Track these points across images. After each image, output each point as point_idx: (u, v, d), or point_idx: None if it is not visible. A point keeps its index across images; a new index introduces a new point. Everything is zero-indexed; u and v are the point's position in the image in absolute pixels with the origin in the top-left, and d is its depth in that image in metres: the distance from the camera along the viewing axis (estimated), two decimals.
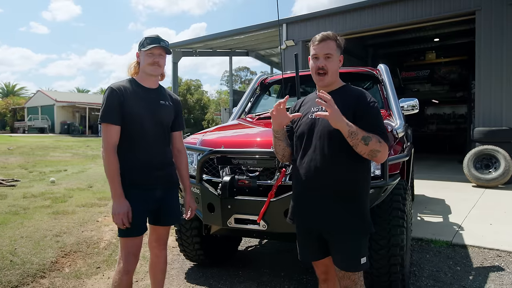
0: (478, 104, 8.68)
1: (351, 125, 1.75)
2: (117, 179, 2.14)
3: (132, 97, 2.21)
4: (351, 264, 1.87)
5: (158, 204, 2.31)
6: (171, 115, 2.38)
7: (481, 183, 7.41)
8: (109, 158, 2.14)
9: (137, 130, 2.22)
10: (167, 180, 2.37)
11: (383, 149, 1.79)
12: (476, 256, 3.72)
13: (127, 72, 2.35)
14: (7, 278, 3.11)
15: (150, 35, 2.28)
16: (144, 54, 2.24)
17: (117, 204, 2.14)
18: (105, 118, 2.17)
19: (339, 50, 1.96)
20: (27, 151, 14.16)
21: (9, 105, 40.24)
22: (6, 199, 6.01)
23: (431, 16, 9.37)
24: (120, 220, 2.12)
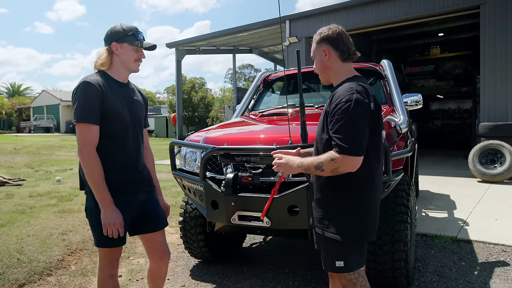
0: (483, 98, 8.62)
1: (301, 163, 1.77)
2: (104, 184, 1.93)
3: (111, 94, 1.99)
4: (327, 265, 1.88)
5: (140, 209, 2.14)
6: (143, 111, 2.23)
7: (486, 178, 7.36)
8: (93, 161, 1.93)
9: (119, 129, 2.03)
10: (147, 182, 2.21)
11: (341, 163, 1.65)
12: (481, 251, 3.71)
13: (96, 64, 2.08)
14: (14, 276, 3.15)
15: (132, 27, 2.07)
16: (130, 49, 2.05)
17: (110, 213, 1.93)
18: (84, 117, 1.92)
19: (322, 44, 1.87)
20: (33, 151, 14.28)
21: (14, 105, 40.57)
22: (12, 198, 6.07)
23: (435, 11, 9.30)
24: (116, 231, 1.93)
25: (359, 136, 1.67)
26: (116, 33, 2.05)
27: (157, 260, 2.25)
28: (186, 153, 3.16)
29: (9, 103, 40.78)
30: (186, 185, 3.02)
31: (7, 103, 40.39)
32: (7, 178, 7.59)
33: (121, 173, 2.05)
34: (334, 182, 1.78)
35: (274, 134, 2.93)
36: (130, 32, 2.05)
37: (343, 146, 1.64)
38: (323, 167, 1.69)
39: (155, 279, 2.32)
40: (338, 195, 1.80)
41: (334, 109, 1.71)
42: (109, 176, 1.99)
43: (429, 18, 9.89)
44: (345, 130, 1.66)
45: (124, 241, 2.09)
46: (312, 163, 1.73)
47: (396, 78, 3.92)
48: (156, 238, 2.22)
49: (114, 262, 2.11)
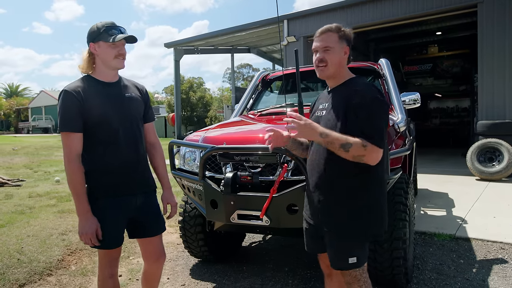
0: (481, 97, 8.65)
1: (327, 134, 1.69)
2: (82, 192, 1.93)
3: (93, 97, 1.95)
4: (338, 262, 1.86)
5: (139, 212, 2.11)
6: (140, 107, 2.14)
7: (484, 176, 7.39)
8: (73, 168, 1.92)
9: (106, 132, 1.98)
10: (145, 184, 2.16)
11: (369, 152, 1.67)
12: (479, 249, 3.73)
13: (80, 68, 2.05)
14: (14, 276, 3.16)
15: (106, 23, 1.99)
16: (106, 46, 1.97)
17: (85, 222, 1.92)
18: (64, 126, 1.93)
19: (343, 42, 1.87)
20: (32, 151, 14.27)
21: (13, 106, 40.52)
22: (12, 198, 6.07)
23: (432, 10, 9.33)
24: (89, 240, 1.93)
25: (384, 132, 1.77)
26: (92, 33, 1.99)
27: (152, 262, 2.24)
28: (185, 153, 3.17)
29: (7, 103, 40.73)
30: (185, 184, 3.03)
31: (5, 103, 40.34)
32: (6, 179, 7.59)
33: (113, 177, 2.01)
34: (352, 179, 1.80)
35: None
36: (103, 29, 1.97)
37: (374, 138, 1.69)
38: (350, 149, 1.67)
39: (150, 280, 2.30)
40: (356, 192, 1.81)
41: (363, 103, 1.74)
42: (101, 179, 1.99)
43: (426, 17, 9.92)
44: (377, 124, 1.73)
45: (120, 243, 2.08)
46: (338, 140, 1.68)
47: (394, 77, 3.93)
48: (153, 241, 2.20)
49: (113, 262, 2.10)
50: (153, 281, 2.32)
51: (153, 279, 2.30)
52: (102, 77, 2.04)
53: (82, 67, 2.04)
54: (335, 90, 1.93)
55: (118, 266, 2.17)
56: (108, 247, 2.03)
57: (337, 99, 1.87)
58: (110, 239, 2.00)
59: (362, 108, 1.73)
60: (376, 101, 1.76)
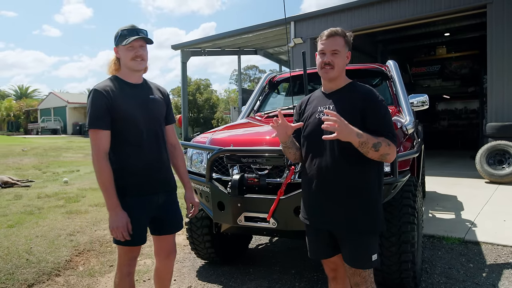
0: (490, 99, 8.55)
1: (361, 134, 1.71)
2: (111, 188, 1.97)
3: (120, 97, 2.02)
4: (362, 262, 1.87)
5: (160, 210, 2.16)
6: (163, 109, 2.21)
7: (494, 179, 7.29)
8: (101, 165, 1.97)
9: (132, 132, 2.05)
10: (167, 184, 2.21)
11: (392, 151, 1.79)
12: (489, 253, 3.68)
13: (107, 70, 2.15)
14: (23, 276, 3.19)
15: (125, 27, 2.07)
16: (124, 49, 2.05)
17: (115, 216, 1.97)
18: (93, 123, 1.99)
19: (347, 47, 1.93)
20: (41, 152, 14.41)
21: (22, 107, 40.96)
22: (21, 199, 6.14)
23: (441, 11, 9.25)
24: (120, 234, 1.96)
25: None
26: (114, 38, 2.10)
27: (163, 258, 2.28)
28: (193, 154, 3.17)
29: (17, 105, 41.18)
30: (192, 186, 3.04)
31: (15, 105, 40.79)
32: (15, 180, 7.67)
33: (137, 176, 2.07)
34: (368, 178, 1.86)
35: None
36: (120, 33, 2.06)
37: (393, 138, 1.80)
38: (380, 148, 1.74)
39: (162, 278, 2.33)
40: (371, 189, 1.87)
41: (377, 106, 1.84)
42: (126, 179, 2.04)
43: (435, 18, 9.85)
44: (391, 125, 1.85)
45: (144, 241, 2.13)
46: (372, 139, 1.73)
47: (402, 79, 3.90)
48: (168, 238, 2.26)
49: (132, 260, 2.16)
50: (165, 279, 2.34)
51: (165, 276, 2.33)
52: (128, 78, 2.12)
53: (108, 69, 2.14)
54: (337, 93, 1.94)
55: (135, 267, 2.20)
56: (132, 244, 2.06)
57: (343, 101, 1.89)
58: (135, 236, 2.03)
59: (378, 111, 1.84)
60: (383, 102, 1.88)
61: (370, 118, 1.82)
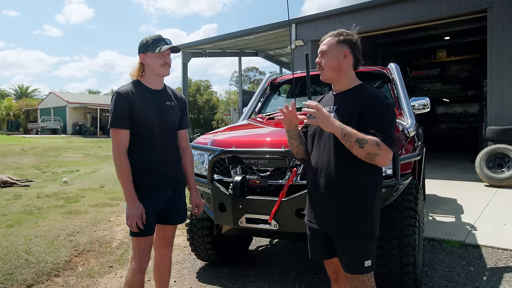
0: (490, 102, 8.56)
1: (345, 127, 1.72)
2: (130, 182, 2.17)
3: (140, 101, 2.22)
4: (355, 267, 1.86)
5: (169, 204, 2.35)
6: (177, 115, 2.40)
7: (494, 183, 7.30)
8: (121, 161, 2.17)
9: (148, 133, 2.24)
10: (177, 181, 2.39)
11: (383, 152, 1.71)
12: (489, 256, 3.68)
13: (131, 74, 2.33)
14: (22, 277, 3.18)
15: (154, 36, 2.27)
16: (154, 56, 2.23)
17: (131, 206, 2.17)
18: (114, 123, 2.18)
19: (343, 45, 1.89)
20: (40, 152, 14.38)
21: (22, 107, 40.90)
22: (20, 199, 6.12)
23: (441, 14, 9.27)
24: (134, 222, 2.15)
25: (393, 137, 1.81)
26: (142, 46, 2.26)
27: (161, 248, 2.45)
28: (194, 156, 3.16)
29: (17, 104, 41.11)
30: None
31: (15, 104, 40.73)
32: (15, 179, 7.65)
33: (150, 174, 2.26)
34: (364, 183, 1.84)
35: (282, 137, 2.93)
36: (151, 41, 2.24)
37: (389, 140, 1.75)
38: (365, 145, 1.70)
39: (159, 269, 2.46)
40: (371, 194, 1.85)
41: (375, 109, 1.80)
42: (140, 175, 2.23)
43: (435, 21, 9.86)
44: (390, 129, 1.80)
45: (152, 232, 2.30)
46: (356, 135, 1.71)
47: (403, 82, 3.91)
48: (168, 229, 2.43)
49: (144, 255, 2.28)
50: (163, 271, 2.46)
51: (163, 268, 2.46)
52: (150, 84, 2.31)
53: (132, 74, 2.32)
54: (343, 95, 1.94)
55: (148, 263, 2.32)
56: (144, 233, 2.24)
57: (346, 102, 1.89)
58: (146, 226, 2.22)
59: (377, 114, 1.79)
60: (390, 109, 1.84)
61: (366, 120, 1.79)
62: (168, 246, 2.47)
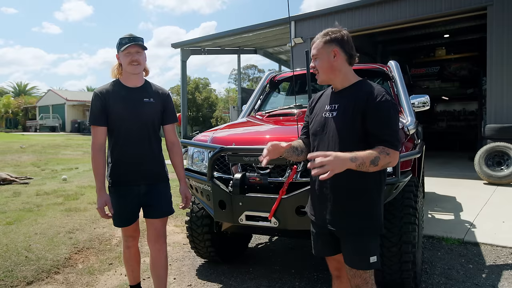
0: (489, 100, 8.57)
1: (355, 157, 1.64)
2: (99, 175, 2.35)
3: (114, 98, 2.35)
4: (360, 263, 1.86)
5: (145, 198, 2.46)
6: (155, 111, 2.45)
7: (493, 181, 7.31)
8: (94, 156, 2.35)
9: (119, 130, 2.37)
10: (152, 177, 2.48)
11: (393, 158, 1.73)
12: (488, 253, 3.69)
13: (111, 75, 2.45)
14: (22, 274, 3.18)
15: (124, 35, 2.36)
16: (123, 55, 2.34)
17: (98, 198, 2.36)
18: (91, 120, 2.37)
19: (331, 44, 1.86)
20: (39, 150, 14.36)
21: (21, 104, 40.78)
22: (20, 196, 6.12)
23: (441, 12, 9.26)
24: (101, 212, 2.36)
25: (399, 134, 1.81)
26: (116, 46, 2.38)
27: (153, 243, 2.53)
28: (194, 153, 3.16)
29: (15, 102, 40.99)
30: (193, 184, 3.03)
31: (13, 102, 40.60)
32: (14, 177, 7.65)
33: (121, 168, 2.40)
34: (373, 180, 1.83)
35: (282, 134, 2.94)
36: (119, 41, 2.36)
37: (393, 142, 1.74)
38: (378, 162, 1.69)
39: (155, 265, 2.54)
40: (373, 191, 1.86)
41: (377, 106, 1.77)
42: (112, 169, 2.41)
43: (434, 19, 9.86)
44: (394, 128, 1.78)
45: (127, 223, 2.50)
46: (368, 158, 1.67)
47: (403, 80, 3.91)
48: (155, 223, 2.51)
49: (128, 238, 2.57)
50: (158, 266, 2.53)
51: (157, 264, 2.53)
52: (127, 82, 2.43)
53: (111, 74, 2.45)
54: (344, 92, 1.92)
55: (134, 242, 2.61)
56: (117, 225, 2.51)
57: (346, 101, 1.87)
58: (117, 218, 2.45)
59: (381, 113, 1.77)
60: (392, 105, 1.80)
61: (370, 120, 1.76)
62: (159, 240, 2.52)
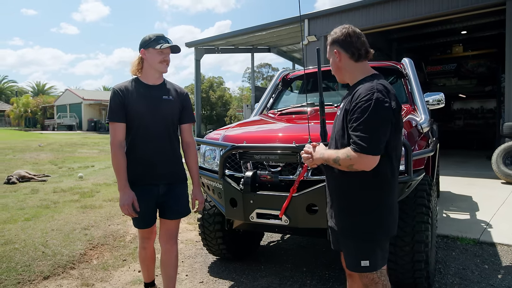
0: (508, 98, 8.36)
1: (322, 153, 1.82)
2: (121, 172, 2.30)
3: (133, 96, 2.32)
4: (352, 265, 1.87)
5: (163, 199, 2.42)
6: (174, 109, 2.42)
7: (510, 180, 7.14)
8: (115, 153, 2.30)
9: (138, 128, 2.33)
10: (171, 177, 2.43)
11: (356, 160, 1.65)
12: (505, 254, 3.61)
13: (131, 69, 2.40)
14: (39, 269, 3.26)
15: (157, 34, 2.35)
16: (155, 52, 2.32)
17: (122, 195, 2.28)
18: (109, 117, 2.32)
19: (333, 45, 1.89)
20: (57, 148, 14.66)
21: (39, 104, 41.68)
22: (37, 193, 6.26)
23: (458, 8, 9.07)
24: (126, 210, 2.28)
25: (377, 136, 1.66)
26: (144, 42, 2.35)
27: (164, 243, 2.51)
28: (206, 151, 3.19)
29: (34, 101, 41.89)
30: (205, 182, 3.05)
31: (32, 101, 41.51)
32: (32, 174, 7.83)
33: (139, 168, 2.36)
34: (359, 182, 1.78)
35: (294, 132, 2.93)
36: (154, 38, 2.33)
37: (360, 144, 1.65)
38: (339, 162, 1.73)
39: (164, 264, 2.52)
40: (364, 194, 1.80)
41: (354, 108, 1.71)
42: (132, 168, 2.34)
43: (452, 15, 9.66)
44: (364, 129, 1.65)
45: (146, 226, 2.46)
46: (331, 156, 1.77)
47: (417, 77, 3.85)
48: (168, 224, 2.49)
49: (144, 239, 2.55)
50: (168, 265, 2.51)
51: (167, 263, 2.51)
52: (146, 80, 2.40)
53: (131, 69, 2.40)
54: (348, 91, 1.95)
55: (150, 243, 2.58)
56: (137, 226, 2.48)
57: (344, 102, 1.90)
58: (139, 219, 2.41)
59: (353, 114, 1.71)
60: (368, 102, 1.66)
61: (350, 119, 1.73)
62: (171, 241, 2.50)
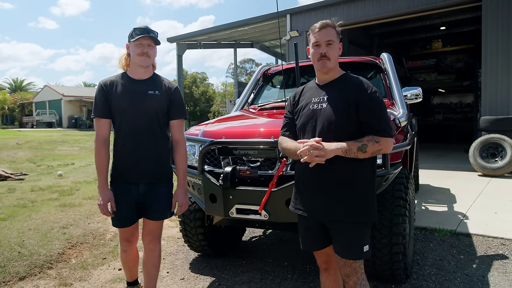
0: (484, 92, 8.58)
1: (341, 144, 1.79)
2: (102, 170, 2.27)
3: (116, 92, 2.26)
4: (354, 253, 1.88)
5: (144, 198, 2.32)
6: (160, 104, 2.30)
7: (487, 172, 7.35)
8: (98, 150, 2.28)
9: (121, 123, 2.27)
10: (153, 175, 2.32)
11: (384, 145, 1.82)
12: (480, 244, 3.72)
13: (118, 64, 2.36)
14: (15, 269, 3.18)
15: (139, 26, 2.27)
16: (133, 45, 2.25)
17: (100, 194, 2.26)
18: (94, 112, 2.30)
19: (339, 38, 1.98)
20: (36, 146, 14.32)
21: (17, 100, 40.60)
22: (14, 192, 6.11)
23: (436, 4, 9.24)
24: (102, 209, 2.26)
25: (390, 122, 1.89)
26: (129, 35, 2.29)
27: (146, 243, 2.46)
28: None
29: (12, 98, 40.80)
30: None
31: (9, 98, 40.42)
32: (9, 173, 7.63)
33: (122, 164, 2.32)
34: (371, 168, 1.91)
35: (273, 127, 2.92)
36: (132, 31, 2.26)
37: (386, 130, 1.83)
38: (366, 149, 1.79)
39: (147, 264, 2.47)
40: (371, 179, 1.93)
41: (369, 98, 1.86)
42: (114, 164, 2.33)
43: (430, 11, 9.82)
44: (385, 116, 1.87)
45: (126, 225, 2.38)
46: (354, 145, 1.79)
47: (396, 72, 3.90)
48: (150, 224, 2.43)
49: (124, 241, 2.46)
50: (150, 265, 2.46)
51: (149, 263, 2.46)
52: (133, 74, 2.33)
53: (119, 63, 2.37)
54: (331, 85, 1.96)
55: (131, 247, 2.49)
56: (115, 225, 2.40)
57: (336, 92, 1.91)
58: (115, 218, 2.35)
59: (370, 103, 1.86)
60: (378, 93, 1.89)
61: (363, 110, 1.85)
62: (153, 241, 2.43)
